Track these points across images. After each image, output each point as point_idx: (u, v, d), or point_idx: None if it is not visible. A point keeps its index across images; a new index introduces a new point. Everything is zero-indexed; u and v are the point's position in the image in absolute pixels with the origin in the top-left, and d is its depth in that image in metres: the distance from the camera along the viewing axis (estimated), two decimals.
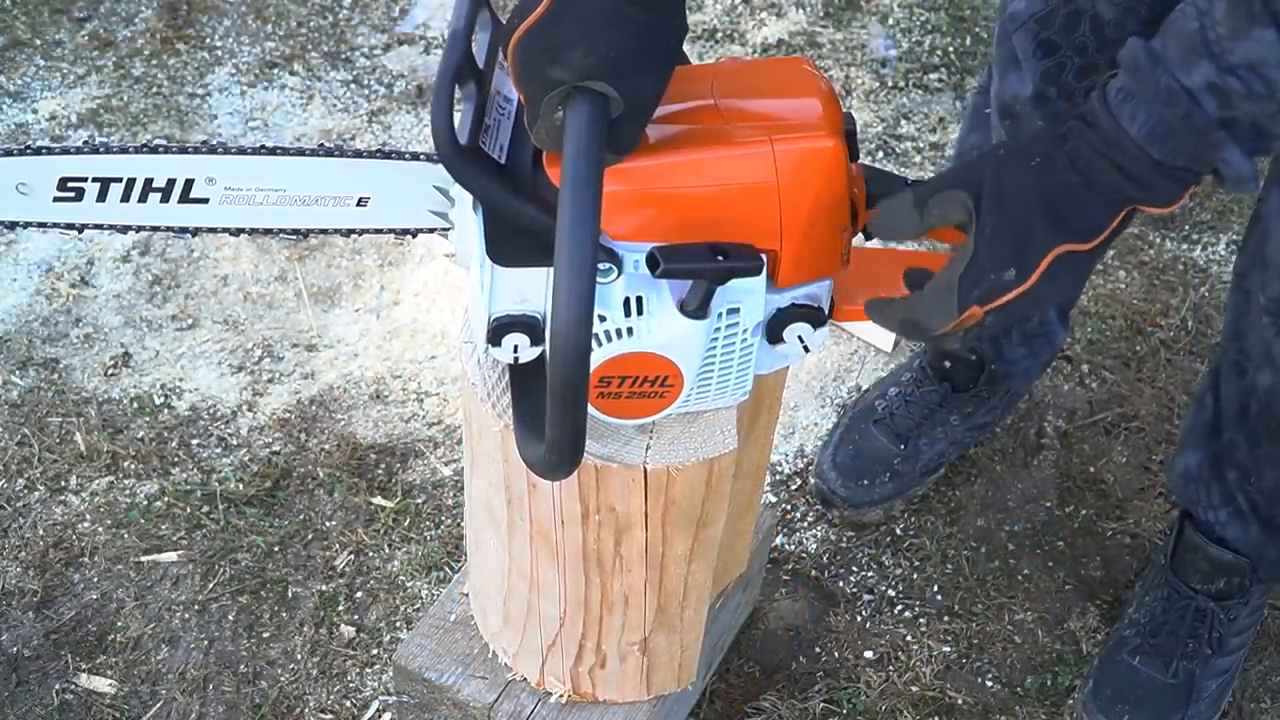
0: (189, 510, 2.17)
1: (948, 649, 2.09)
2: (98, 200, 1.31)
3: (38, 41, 2.91)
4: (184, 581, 2.10)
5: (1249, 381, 1.83)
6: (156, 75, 2.85)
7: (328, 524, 2.17)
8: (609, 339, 1.26)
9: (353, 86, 2.87)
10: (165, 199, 1.32)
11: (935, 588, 2.16)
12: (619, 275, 1.22)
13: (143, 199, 1.32)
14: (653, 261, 1.19)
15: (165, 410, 2.30)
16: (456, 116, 1.18)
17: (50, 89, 2.81)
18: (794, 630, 2.10)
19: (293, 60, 2.91)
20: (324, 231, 1.38)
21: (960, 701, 2.04)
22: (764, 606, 2.12)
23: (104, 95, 2.80)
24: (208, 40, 2.94)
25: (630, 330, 1.26)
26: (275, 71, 2.89)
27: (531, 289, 1.25)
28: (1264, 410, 1.82)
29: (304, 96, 2.84)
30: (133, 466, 2.22)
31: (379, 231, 1.40)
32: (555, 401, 1.13)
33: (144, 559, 2.12)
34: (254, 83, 2.86)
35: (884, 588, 2.16)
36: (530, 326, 1.26)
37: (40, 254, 2.51)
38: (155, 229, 1.35)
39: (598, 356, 1.27)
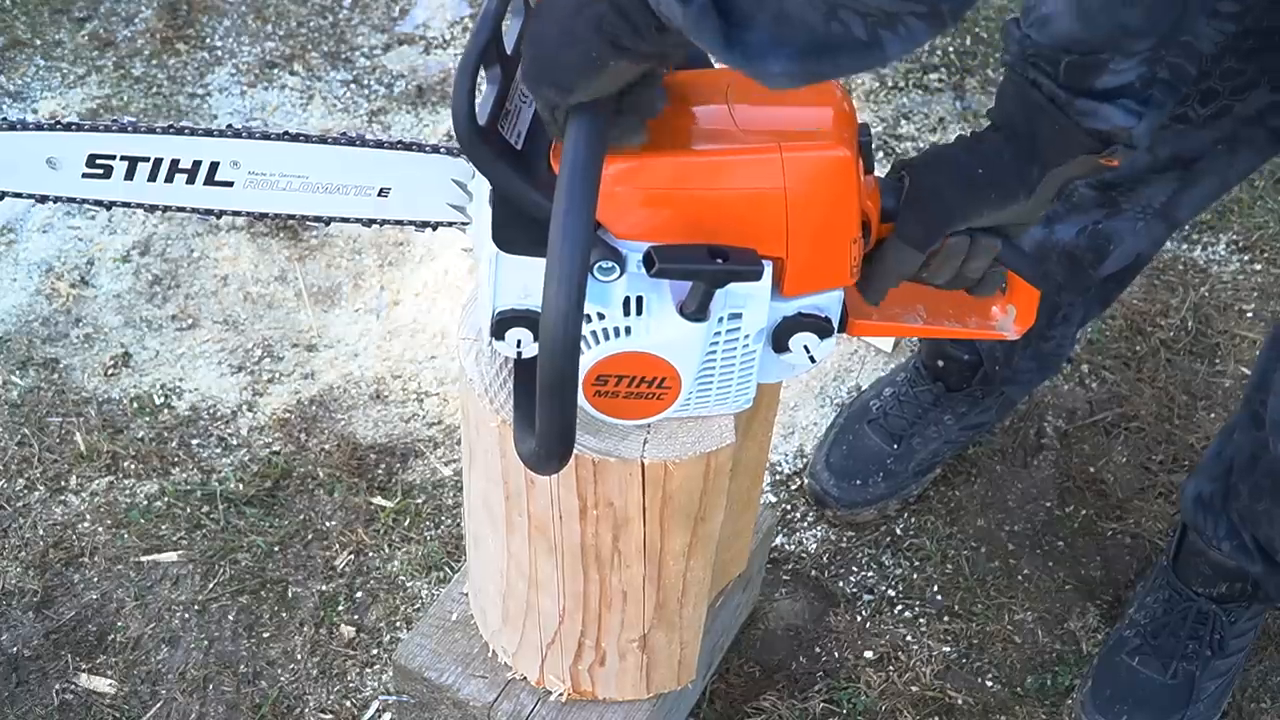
0: (189, 510, 2.17)
1: (948, 649, 2.09)
2: (125, 178, 1.33)
3: (38, 41, 2.91)
4: (184, 581, 2.10)
5: (1263, 436, 1.84)
6: (156, 75, 2.86)
7: (328, 524, 2.17)
8: (606, 337, 1.26)
9: (353, 86, 2.87)
10: (191, 180, 1.34)
11: (935, 588, 2.16)
12: (621, 274, 1.22)
13: (169, 179, 1.34)
14: (649, 260, 1.19)
15: (165, 410, 2.30)
16: (478, 100, 1.18)
17: (50, 89, 2.81)
18: (794, 630, 2.10)
19: (293, 60, 2.91)
20: (345, 220, 1.40)
21: (960, 701, 2.04)
22: (764, 606, 2.12)
23: (104, 95, 2.80)
24: (208, 40, 2.94)
25: (628, 329, 1.26)
26: (275, 71, 2.89)
27: (536, 284, 1.24)
28: (1271, 469, 1.84)
29: (304, 96, 2.84)
30: (133, 466, 2.22)
31: (399, 223, 1.41)
32: (544, 394, 1.13)
33: (144, 559, 2.12)
34: (254, 83, 2.86)
35: (884, 588, 2.16)
36: (533, 322, 1.26)
37: (40, 254, 2.51)
38: (181, 210, 1.37)
39: (594, 354, 1.27)
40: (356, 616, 2.08)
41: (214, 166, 1.34)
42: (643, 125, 1.18)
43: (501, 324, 1.27)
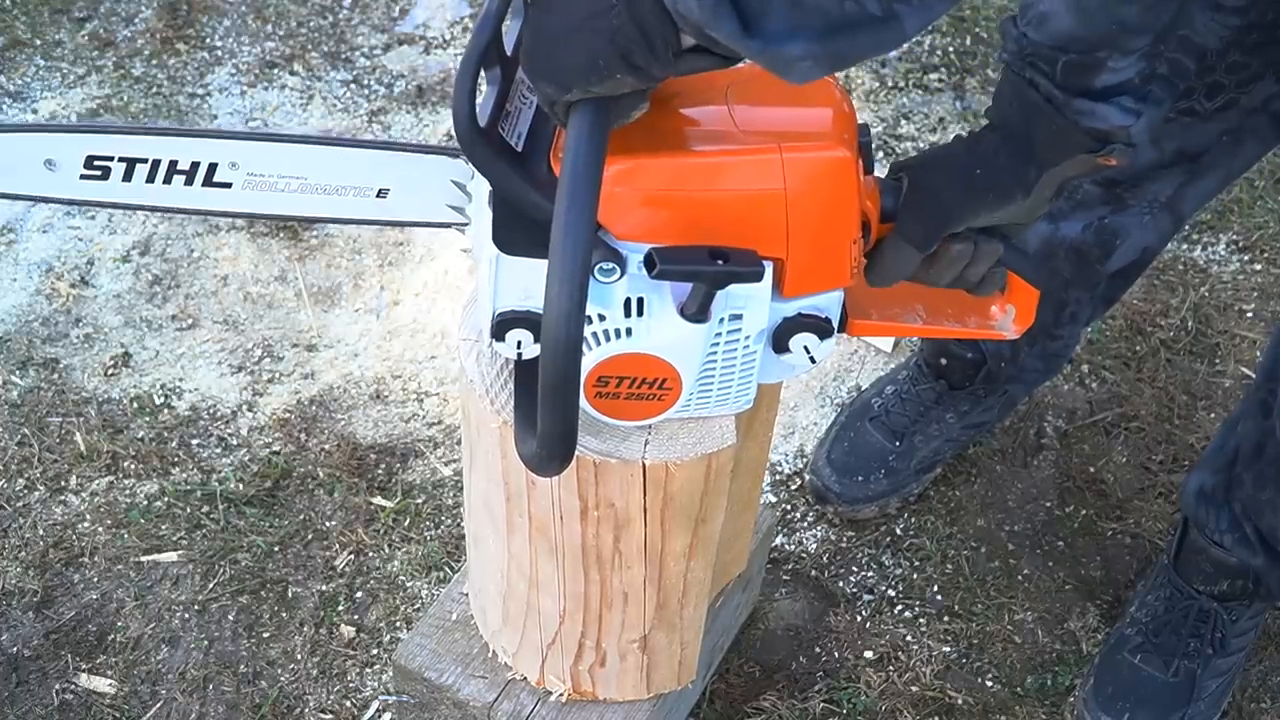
0: (189, 510, 2.17)
1: (948, 649, 2.09)
2: (123, 180, 1.33)
3: (38, 41, 2.91)
4: (184, 581, 2.10)
5: (1270, 424, 1.84)
6: (156, 75, 2.86)
7: (328, 524, 2.17)
8: (607, 338, 1.26)
9: (353, 86, 2.87)
10: (189, 182, 1.34)
11: (935, 588, 2.16)
12: (622, 275, 1.22)
13: (167, 180, 1.34)
14: (650, 262, 1.19)
15: (165, 410, 2.30)
16: (479, 100, 1.18)
17: (50, 89, 2.81)
18: (794, 630, 2.10)
19: (293, 60, 2.91)
20: (345, 221, 1.40)
21: (960, 701, 2.04)
22: (764, 606, 2.12)
23: (104, 95, 2.80)
24: (208, 40, 2.94)
25: (629, 331, 1.26)
26: (275, 71, 2.89)
27: (536, 285, 1.24)
28: (1277, 457, 1.84)
29: (304, 96, 2.84)
30: (133, 466, 2.22)
31: (399, 224, 1.41)
32: (545, 395, 1.13)
33: (144, 559, 2.12)
34: (254, 83, 2.86)
35: (884, 588, 2.16)
36: (533, 323, 1.26)
37: (40, 254, 2.51)
38: (180, 211, 1.37)
39: (595, 355, 1.26)
40: (356, 616, 2.08)
41: (212, 168, 1.33)
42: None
43: (502, 325, 1.27)
